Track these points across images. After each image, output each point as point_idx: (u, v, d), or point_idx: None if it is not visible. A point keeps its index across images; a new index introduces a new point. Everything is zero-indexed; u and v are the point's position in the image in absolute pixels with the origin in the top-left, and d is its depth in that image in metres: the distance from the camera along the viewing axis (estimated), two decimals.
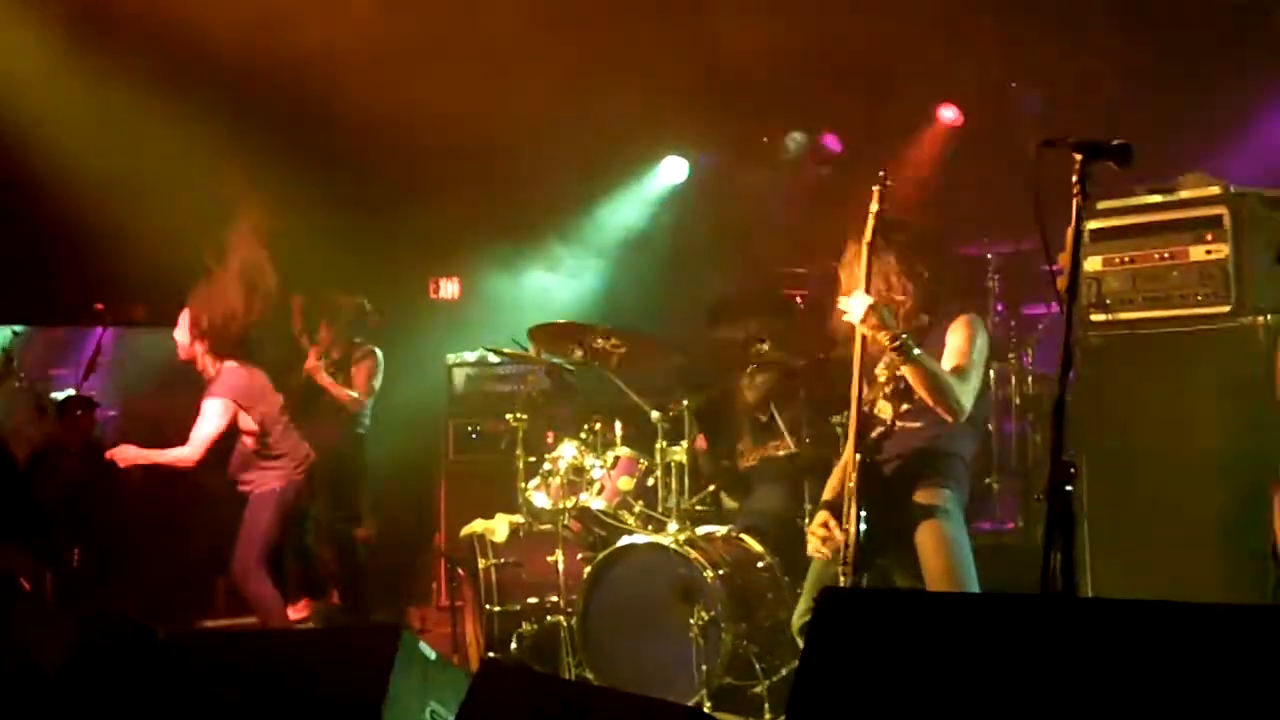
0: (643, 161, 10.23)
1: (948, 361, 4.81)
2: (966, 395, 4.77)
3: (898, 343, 4.63)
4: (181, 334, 7.05)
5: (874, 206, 4.81)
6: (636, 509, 6.65)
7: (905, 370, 4.66)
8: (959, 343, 4.86)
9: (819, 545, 4.81)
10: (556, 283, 10.13)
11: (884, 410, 4.81)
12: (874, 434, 4.84)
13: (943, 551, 4.71)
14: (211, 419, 6.88)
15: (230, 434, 6.98)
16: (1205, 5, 7.42)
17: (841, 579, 4.66)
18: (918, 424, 4.84)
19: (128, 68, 8.17)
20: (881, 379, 4.82)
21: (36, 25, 8.00)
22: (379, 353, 8.56)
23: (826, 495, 5.01)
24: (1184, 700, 2.49)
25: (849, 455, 4.80)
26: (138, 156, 8.44)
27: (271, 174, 8.62)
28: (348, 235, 9.09)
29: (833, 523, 4.76)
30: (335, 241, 9.01)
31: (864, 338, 4.77)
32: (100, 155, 8.32)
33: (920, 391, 4.69)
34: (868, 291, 4.73)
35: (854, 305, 4.71)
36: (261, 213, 7.52)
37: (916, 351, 4.65)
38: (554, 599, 6.60)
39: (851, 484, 4.67)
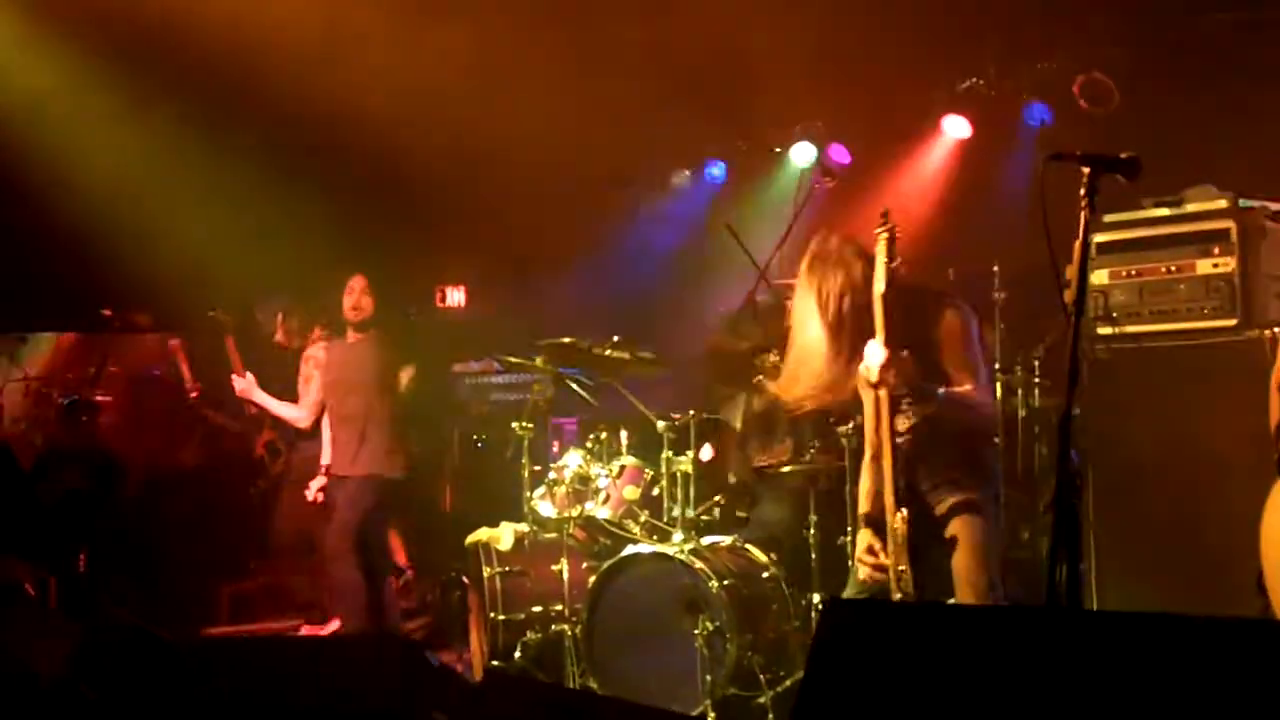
0: (650, 171, 10.24)
1: (956, 367, 4.73)
2: (987, 393, 4.74)
3: (921, 394, 4.58)
4: None
5: (881, 256, 4.59)
6: (642, 518, 6.64)
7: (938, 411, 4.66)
8: (958, 342, 4.74)
9: (871, 573, 4.71)
10: (562, 291, 10.14)
11: (901, 421, 4.78)
12: (896, 445, 4.79)
13: (974, 557, 4.67)
14: None
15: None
16: (1214, 19, 7.41)
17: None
18: (937, 431, 4.78)
19: (136, 78, 8.20)
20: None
21: (50, 39, 8.03)
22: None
23: (864, 507, 4.87)
24: (1187, 713, 2.49)
25: (869, 485, 4.77)
26: (146, 165, 8.48)
27: (278, 182, 8.66)
28: (355, 244, 9.10)
29: (878, 545, 4.68)
30: (341, 250, 9.02)
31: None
32: (109, 164, 8.35)
33: (952, 419, 4.67)
34: (884, 336, 4.55)
35: (872, 359, 4.57)
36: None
37: (941, 392, 4.60)
38: (559, 608, 6.60)
39: (900, 535, 4.59)
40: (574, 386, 7.20)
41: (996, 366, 7.22)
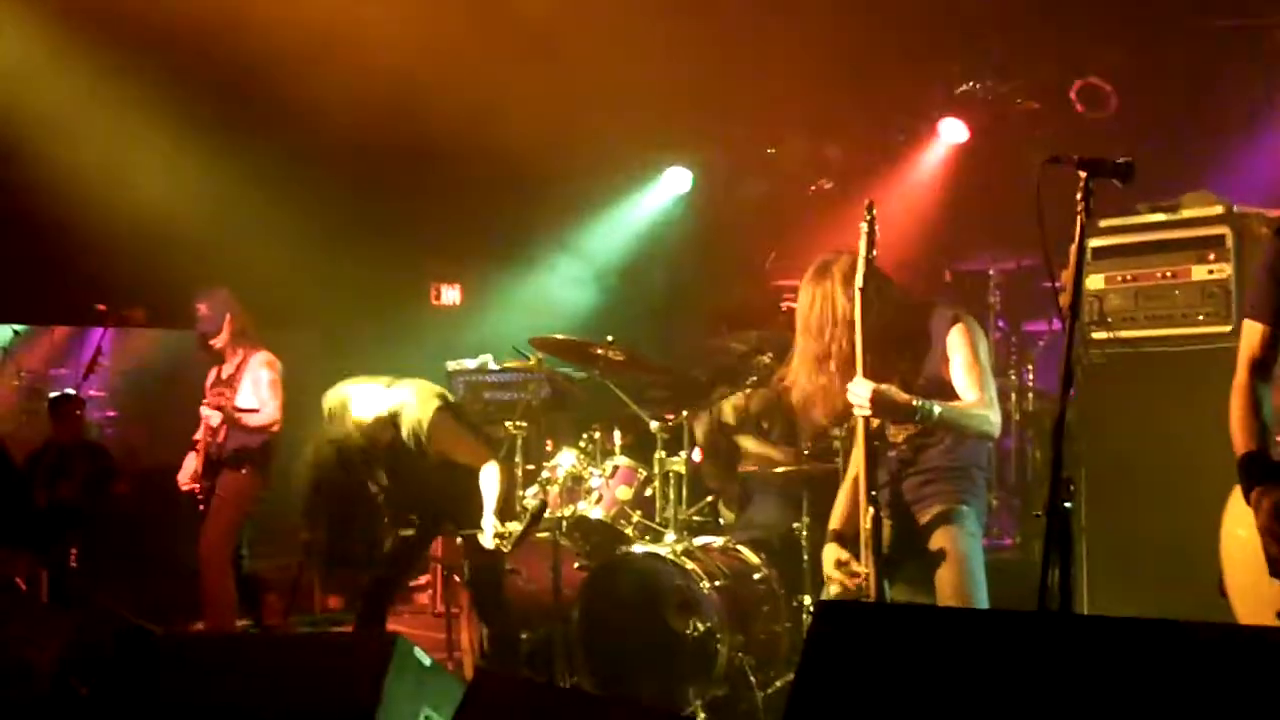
0: (646, 171, 10.25)
1: (963, 380, 4.67)
2: (994, 412, 4.68)
3: (918, 417, 4.53)
4: None
5: (864, 250, 4.50)
6: (634, 519, 6.64)
7: (936, 429, 4.62)
8: (966, 357, 4.66)
9: (842, 587, 4.67)
10: (558, 290, 10.14)
11: (896, 433, 4.76)
12: (889, 454, 4.78)
13: (959, 568, 4.64)
14: None
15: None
16: (1209, 24, 7.43)
17: None
18: (931, 440, 4.77)
19: (132, 72, 8.19)
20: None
21: (46, 34, 8.02)
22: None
23: (834, 524, 4.87)
24: (1179, 718, 2.49)
25: (851, 492, 4.74)
26: (140, 160, 8.47)
27: (272, 178, 8.65)
28: (349, 241, 9.10)
29: (846, 556, 4.65)
30: (337, 248, 9.02)
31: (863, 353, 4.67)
32: (103, 158, 8.34)
33: (955, 435, 4.65)
34: (865, 367, 4.50)
35: (858, 396, 4.48)
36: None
37: (937, 411, 4.54)
38: (550, 607, 6.59)
39: (867, 527, 4.57)
40: (564, 381, 7.20)
41: None
